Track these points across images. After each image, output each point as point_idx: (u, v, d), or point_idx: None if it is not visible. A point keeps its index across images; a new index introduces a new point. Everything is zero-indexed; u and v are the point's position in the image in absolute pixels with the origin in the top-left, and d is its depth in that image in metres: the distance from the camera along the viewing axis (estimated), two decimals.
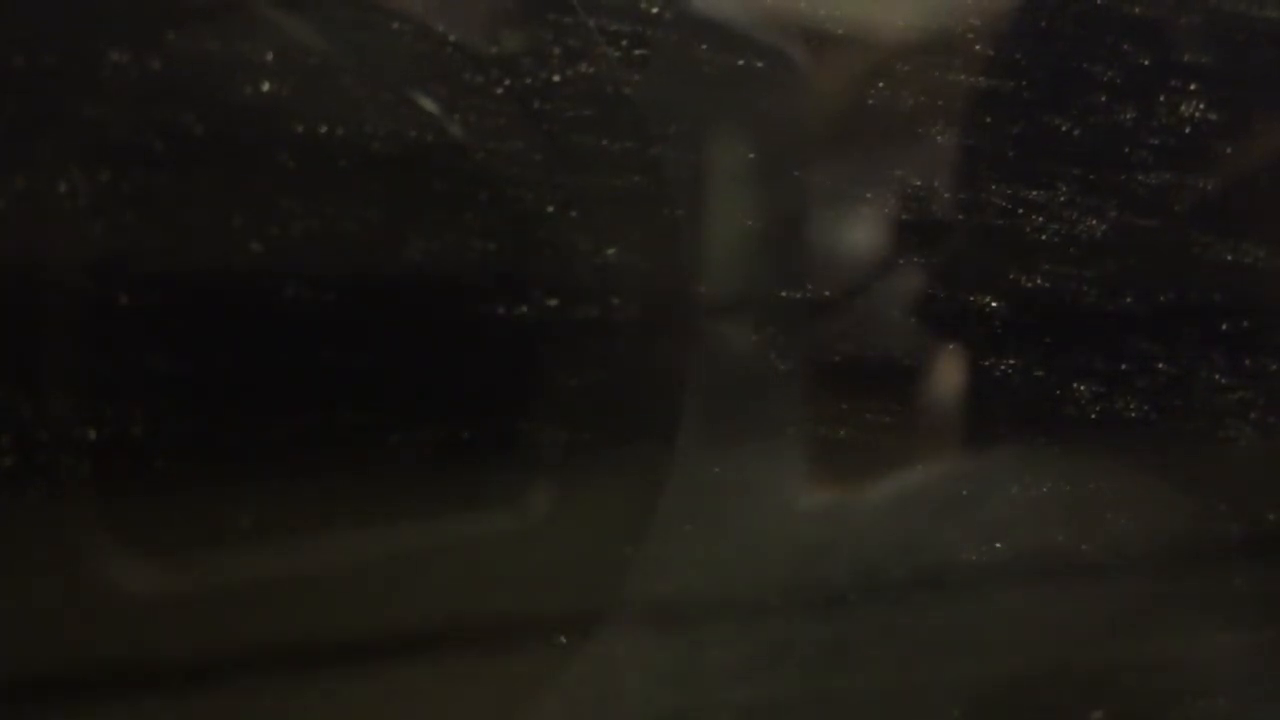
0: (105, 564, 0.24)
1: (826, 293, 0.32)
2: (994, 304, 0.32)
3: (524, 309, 0.27)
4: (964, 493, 0.34)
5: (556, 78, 0.28)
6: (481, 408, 0.28)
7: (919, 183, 0.32)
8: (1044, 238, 0.33)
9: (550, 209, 0.28)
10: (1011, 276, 0.32)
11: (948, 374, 0.34)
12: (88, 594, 0.24)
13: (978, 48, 0.33)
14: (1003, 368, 0.33)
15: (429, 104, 0.26)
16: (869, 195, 0.33)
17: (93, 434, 0.24)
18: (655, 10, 0.29)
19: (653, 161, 0.29)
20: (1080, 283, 0.33)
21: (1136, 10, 0.33)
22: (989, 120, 0.33)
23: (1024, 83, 0.33)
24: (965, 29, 0.33)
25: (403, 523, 0.27)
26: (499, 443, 0.28)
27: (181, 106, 0.24)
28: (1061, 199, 0.33)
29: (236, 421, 0.25)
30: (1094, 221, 0.33)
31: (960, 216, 0.33)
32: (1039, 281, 0.32)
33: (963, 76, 0.33)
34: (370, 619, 0.27)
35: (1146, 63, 0.33)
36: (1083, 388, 0.33)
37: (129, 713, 0.25)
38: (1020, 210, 0.32)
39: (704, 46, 0.30)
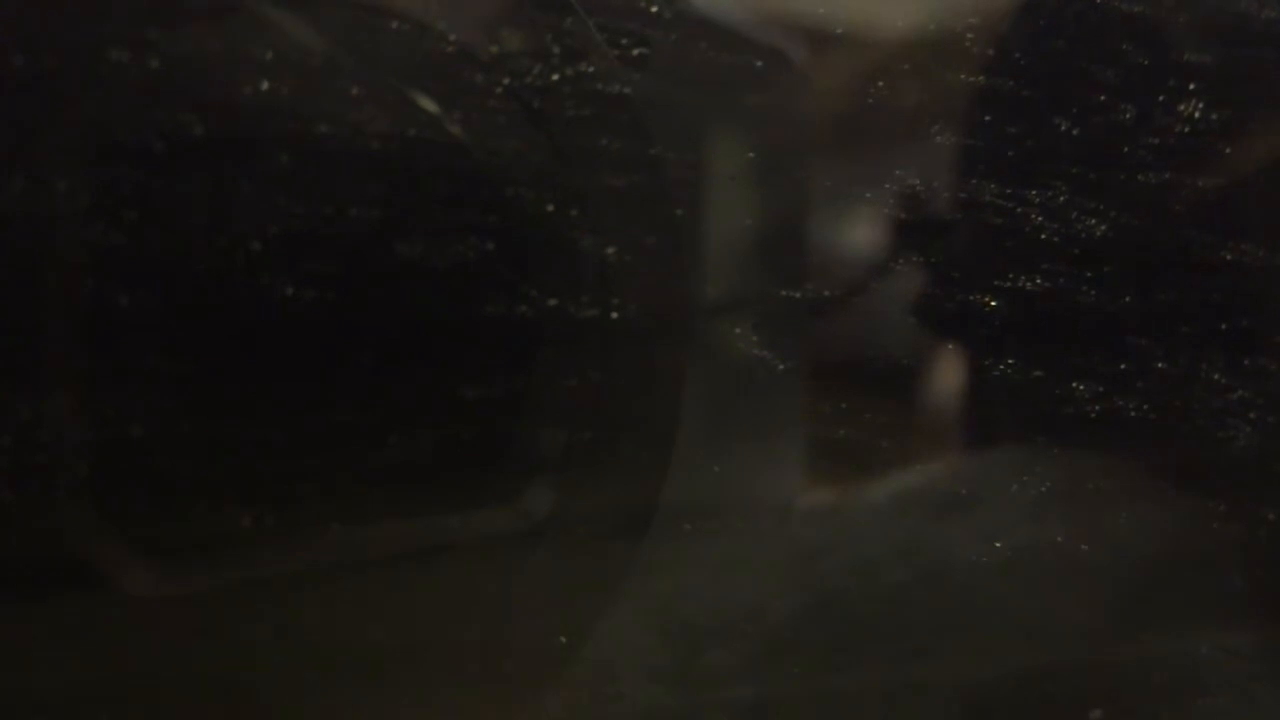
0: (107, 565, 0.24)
1: (826, 293, 0.32)
2: (994, 304, 0.32)
3: (524, 309, 0.27)
4: (962, 492, 0.34)
5: (556, 77, 0.28)
6: (480, 407, 0.28)
7: (919, 183, 0.32)
8: (1044, 237, 0.33)
9: (550, 209, 0.28)
10: (1011, 276, 0.32)
11: (948, 374, 0.34)
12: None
13: (977, 48, 0.33)
14: (1002, 367, 0.33)
15: (429, 103, 0.26)
16: (869, 195, 0.33)
17: (93, 433, 0.24)
18: (655, 10, 0.29)
19: (653, 161, 0.29)
20: (1080, 282, 0.33)
21: (1136, 10, 0.33)
22: (989, 120, 0.33)
23: (1024, 82, 0.33)
24: (965, 29, 0.33)
25: (401, 523, 0.27)
26: (498, 442, 0.28)
27: (181, 106, 0.24)
28: (1061, 199, 0.33)
29: (234, 421, 0.25)
30: (1094, 221, 0.33)
31: (960, 216, 0.33)
32: (1039, 281, 0.32)
33: (962, 76, 0.33)
34: (369, 618, 0.27)
35: (1146, 62, 0.33)
36: (1082, 388, 0.33)
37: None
38: (1020, 210, 0.32)
39: (704, 46, 0.30)
